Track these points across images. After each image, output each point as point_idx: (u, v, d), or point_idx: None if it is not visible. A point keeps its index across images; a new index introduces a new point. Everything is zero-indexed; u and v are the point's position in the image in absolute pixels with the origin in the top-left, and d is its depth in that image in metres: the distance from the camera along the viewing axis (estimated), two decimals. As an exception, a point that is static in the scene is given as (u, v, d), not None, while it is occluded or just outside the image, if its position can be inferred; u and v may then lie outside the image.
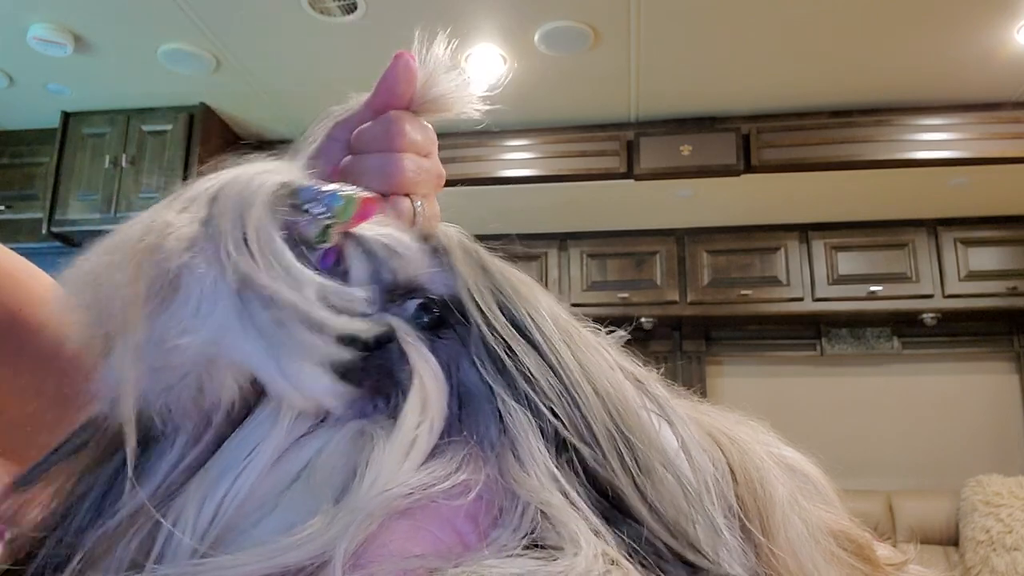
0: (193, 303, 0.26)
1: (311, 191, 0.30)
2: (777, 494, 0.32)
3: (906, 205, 3.16)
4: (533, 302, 0.32)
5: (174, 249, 0.26)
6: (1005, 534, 2.82)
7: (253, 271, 0.26)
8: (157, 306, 0.26)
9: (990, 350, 3.44)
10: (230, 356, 0.26)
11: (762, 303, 3.33)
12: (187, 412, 0.27)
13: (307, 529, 0.24)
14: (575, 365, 0.30)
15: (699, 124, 2.94)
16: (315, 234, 0.29)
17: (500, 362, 0.29)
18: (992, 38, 2.41)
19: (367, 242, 0.31)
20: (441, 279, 0.32)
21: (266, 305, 0.26)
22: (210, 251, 0.27)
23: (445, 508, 0.26)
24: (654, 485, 0.28)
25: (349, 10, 2.35)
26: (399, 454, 0.26)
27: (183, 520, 0.25)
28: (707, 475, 0.30)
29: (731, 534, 0.29)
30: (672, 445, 0.30)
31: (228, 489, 0.26)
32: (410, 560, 0.24)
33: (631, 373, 0.33)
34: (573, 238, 3.48)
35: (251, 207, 0.28)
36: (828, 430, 3.35)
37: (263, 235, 0.27)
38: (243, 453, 0.27)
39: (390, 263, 0.31)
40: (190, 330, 0.26)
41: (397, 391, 0.29)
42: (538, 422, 0.28)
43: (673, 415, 0.32)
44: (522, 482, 0.27)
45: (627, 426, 0.29)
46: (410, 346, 0.30)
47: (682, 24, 2.40)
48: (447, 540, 0.25)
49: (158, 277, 0.26)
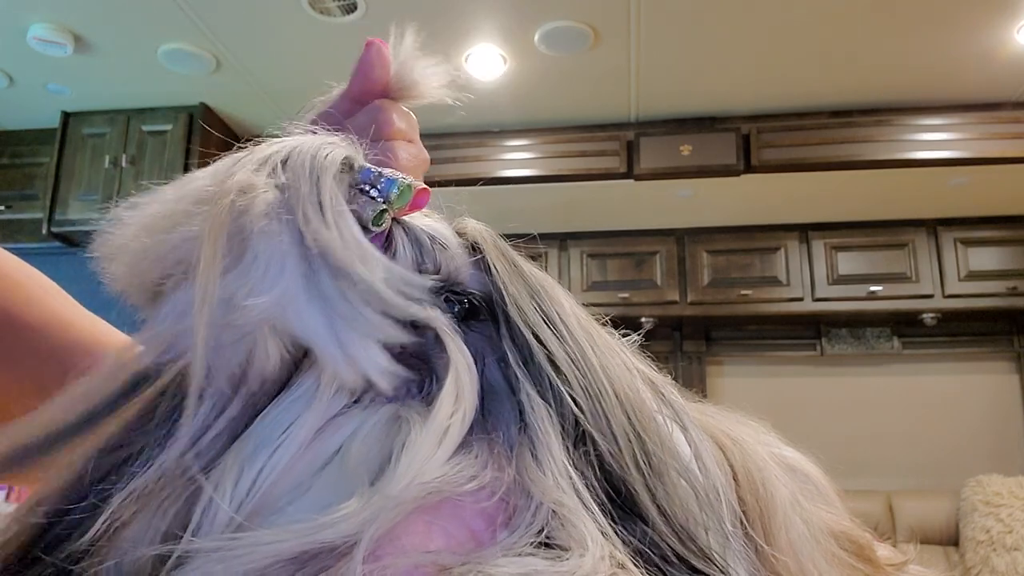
0: (262, 265, 0.26)
1: (370, 173, 0.31)
2: (779, 495, 0.32)
3: (906, 205, 3.16)
4: (559, 300, 0.33)
5: (259, 212, 0.26)
6: (1005, 534, 2.82)
7: (330, 241, 0.26)
8: (228, 264, 0.26)
9: (990, 350, 3.44)
10: (291, 321, 0.26)
11: (762, 303, 3.33)
12: (230, 375, 0.27)
13: (343, 509, 0.24)
14: (597, 364, 0.31)
15: (699, 124, 2.94)
16: (371, 217, 0.30)
17: (529, 352, 0.30)
18: (992, 38, 2.41)
19: (415, 231, 0.32)
20: (476, 273, 0.33)
21: (335, 276, 0.26)
22: (286, 215, 0.27)
23: (465, 506, 0.26)
24: (666, 488, 0.28)
25: (349, 10, 2.35)
26: (433, 441, 0.27)
27: (221, 489, 0.25)
28: (718, 481, 0.30)
29: (736, 541, 0.29)
30: (685, 451, 0.30)
31: (265, 463, 0.26)
32: (422, 556, 0.24)
33: (647, 377, 0.34)
34: (573, 238, 3.48)
35: (324, 175, 0.28)
36: (828, 430, 3.35)
37: (337, 206, 0.27)
38: (280, 428, 0.27)
39: (435, 254, 0.32)
40: (256, 292, 0.25)
41: (431, 377, 0.29)
42: (559, 415, 0.29)
43: (687, 421, 0.32)
44: (537, 481, 0.27)
45: (643, 428, 0.30)
46: (447, 336, 0.30)
47: (682, 24, 2.40)
48: (460, 537, 0.26)
49: (235, 235, 0.26)
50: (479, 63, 2.58)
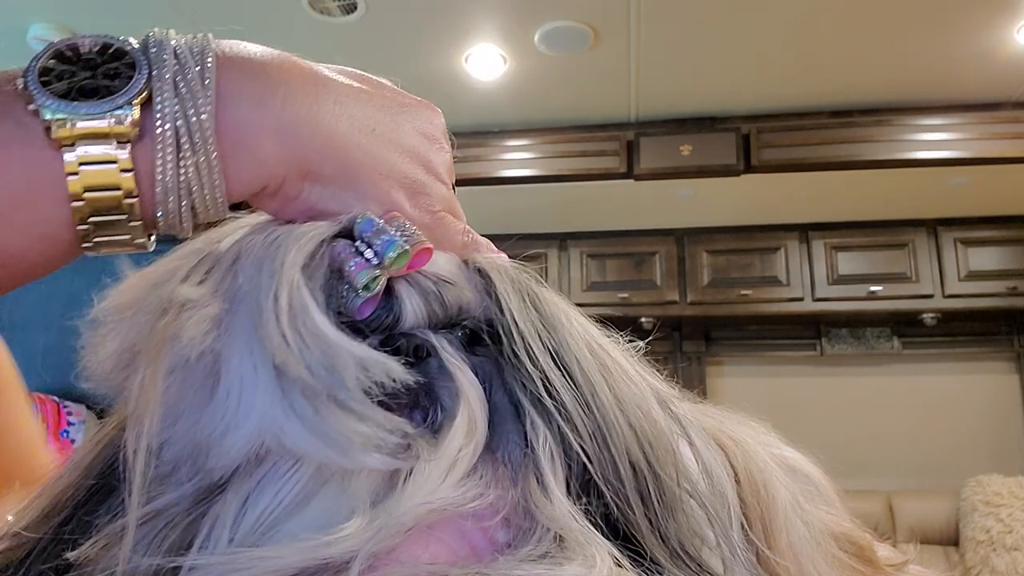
0: (234, 397, 0.25)
1: (369, 228, 0.30)
2: (779, 496, 0.31)
3: (906, 205, 3.16)
4: (571, 329, 0.32)
5: (195, 335, 0.25)
6: (1005, 534, 2.82)
7: (288, 358, 0.25)
8: (199, 399, 0.26)
9: (990, 350, 3.44)
10: (280, 443, 0.25)
11: (762, 303, 3.33)
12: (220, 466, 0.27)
13: (346, 528, 0.24)
14: (610, 398, 0.30)
15: (699, 124, 2.94)
16: (364, 282, 0.29)
17: (536, 390, 0.29)
18: (992, 38, 2.41)
19: (418, 281, 0.31)
20: (482, 302, 0.32)
21: (305, 394, 0.25)
22: (241, 335, 0.26)
23: (467, 524, 0.26)
24: (678, 524, 0.28)
25: (349, 10, 2.35)
26: (442, 473, 0.26)
27: (222, 521, 0.25)
28: (726, 489, 0.30)
29: (742, 553, 0.29)
30: (694, 468, 0.30)
31: (273, 497, 0.26)
32: (421, 567, 0.24)
33: (658, 393, 0.33)
34: (573, 238, 3.49)
35: (282, 272, 0.27)
36: (828, 430, 3.35)
37: (297, 308, 0.26)
38: (287, 466, 0.26)
39: (442, 296, 0.31)
40: (234, 426, 0.25)
41: (437, 407, 0.29)
42: (566, 459, 0.28)
43: (694, 434, 0.32)
44: (543, 508, 0.27)
45: (659, 461, 0.29)
46: (453, 365, 0.29)
47: (682, 24, 2.40)
48: (461, 552, 0.26)
49: (184, 365, 0.26)
50: (479, 63, 2.58)
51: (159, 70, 0.29)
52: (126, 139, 0.28)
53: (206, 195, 0.30)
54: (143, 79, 0.29)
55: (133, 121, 0.28)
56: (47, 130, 0.28)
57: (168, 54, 0.30)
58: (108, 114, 0.28)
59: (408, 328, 0.30)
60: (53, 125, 0.28)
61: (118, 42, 0.30)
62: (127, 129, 0.28)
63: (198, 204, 0.30)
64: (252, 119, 0.30)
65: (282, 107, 0.30)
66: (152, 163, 0.29)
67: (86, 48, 0.30)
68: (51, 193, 0.28)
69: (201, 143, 0.29)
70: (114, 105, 0.28)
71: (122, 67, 0.29)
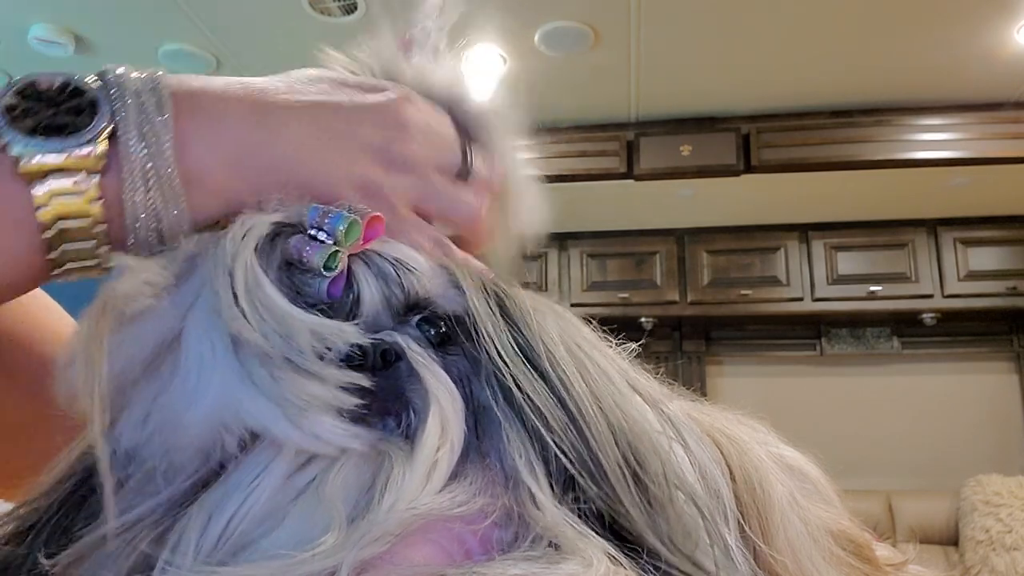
0: (195, 372, 0.26)
1: (316, 213, 0.30)
2: (776, 494, 0.32)
3: (906, 205, 3.16)
4: (545, 327, 0.31)
5: (131, 291, 0.27)
6: (1005, 534, 2.82)
7: (243, 329, 0.26)
8: (164, 377, 0.27)
9: (990, 350, 3.44)
10: (238, 418, 0.26)
11: (762, 303, 3.33)
12: (189, 462, 0.27)
13: (322, 545, 0.24)
14: (587, 396, 0.30)
15: (699, 124, 2.94)
16: (322, 262, 0.29)
17: (509, 393, 0.29)
18: (992, 38, 2.41)
19: (377, 263, 0.31)
20: (452, 296, 0.32)
21: (263, 362, 0.26)
22: (200, 319, 0.27)
23: (457, 527, 0.26)
24: (667, 519, 0.28)
25: (349, 10, 2.35)
26: (420, 477, 0.26)
27: (186, 539, 0.25)
28: (720, 486, 0.30)
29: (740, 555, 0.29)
30: (689, 468, 0.30)
31: (236, 509, 0.26)
32: (417, 568, 0.24)
33: (648, 393, 0.33)
34: (573, 238, 3.48)
35: (237, 256, 0.28)
36: (828, 430, 3.35)
37: (251, 285, 0.27)
38: (250, 476, 0.26)
39: (401, 280, 0.31)
40: (195, 401, 0.26)
41: (408, 411, 0.29)
42: (543, 459, 0.28)
43: (688, 437, 0.31)
44: (534, 515, 0.27)
45: (640, 459, 0.29)
46: (421, 366, 0.29)
47: (682, 24, 2.40)
48: (455, 553, 0.26)
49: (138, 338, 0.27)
50: (479, 63, 2.58)
51: (120, 104, 0.31)
52: (95, 171, 0.30)
53: (172, 219, 0.31)
54: (106, 115, 0.31)
55: (100, 155, 0.30)
56: (15, 163, 0.29)
57: (128, 91, 0.31)
58: (76, 148, 0.30)
59: (369, 312, 0.30)
60: (23, 160, 0.29)
61: (75, 80, 0.32)
62: (94, 162, 0.30)
63: (165, 229, 0.31)
64: (200, 154, 0.32)
65: (227, 140, 0.32)
66: (119, 191, 0.30)
67: (44, 86, 0.32)
68: (22, 223, 0.30)
69: (167, 177, 0.31)
70: (81, 140, 0.30)
71: (84, 103, 0.31)
